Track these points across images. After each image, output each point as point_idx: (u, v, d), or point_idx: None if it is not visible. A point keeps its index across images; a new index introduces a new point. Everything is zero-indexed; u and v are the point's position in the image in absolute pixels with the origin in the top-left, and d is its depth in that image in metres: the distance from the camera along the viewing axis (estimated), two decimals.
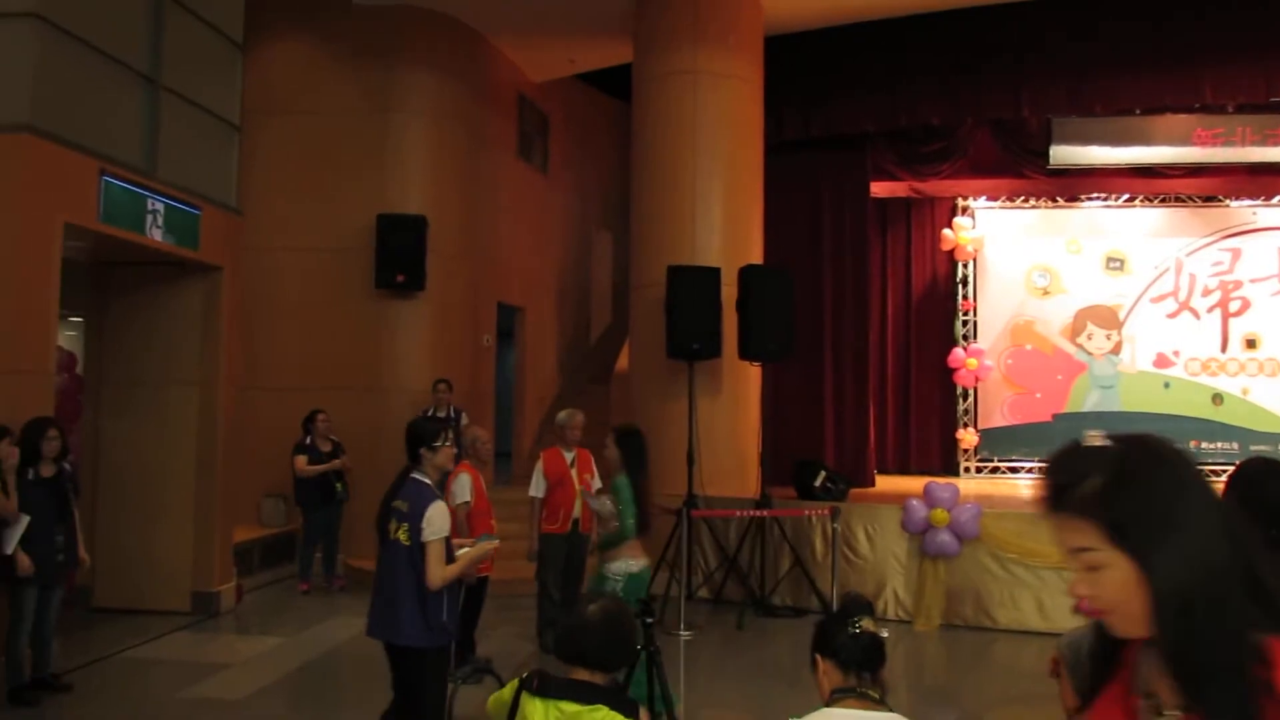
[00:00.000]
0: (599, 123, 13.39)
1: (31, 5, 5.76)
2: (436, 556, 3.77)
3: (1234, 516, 1.20)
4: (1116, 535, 1.16)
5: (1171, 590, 1.12)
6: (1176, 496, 1.16)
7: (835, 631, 2.11)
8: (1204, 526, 1.15)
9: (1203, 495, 1.18)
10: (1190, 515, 1.16)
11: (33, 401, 5.61)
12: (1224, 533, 1.15)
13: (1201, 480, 1.19)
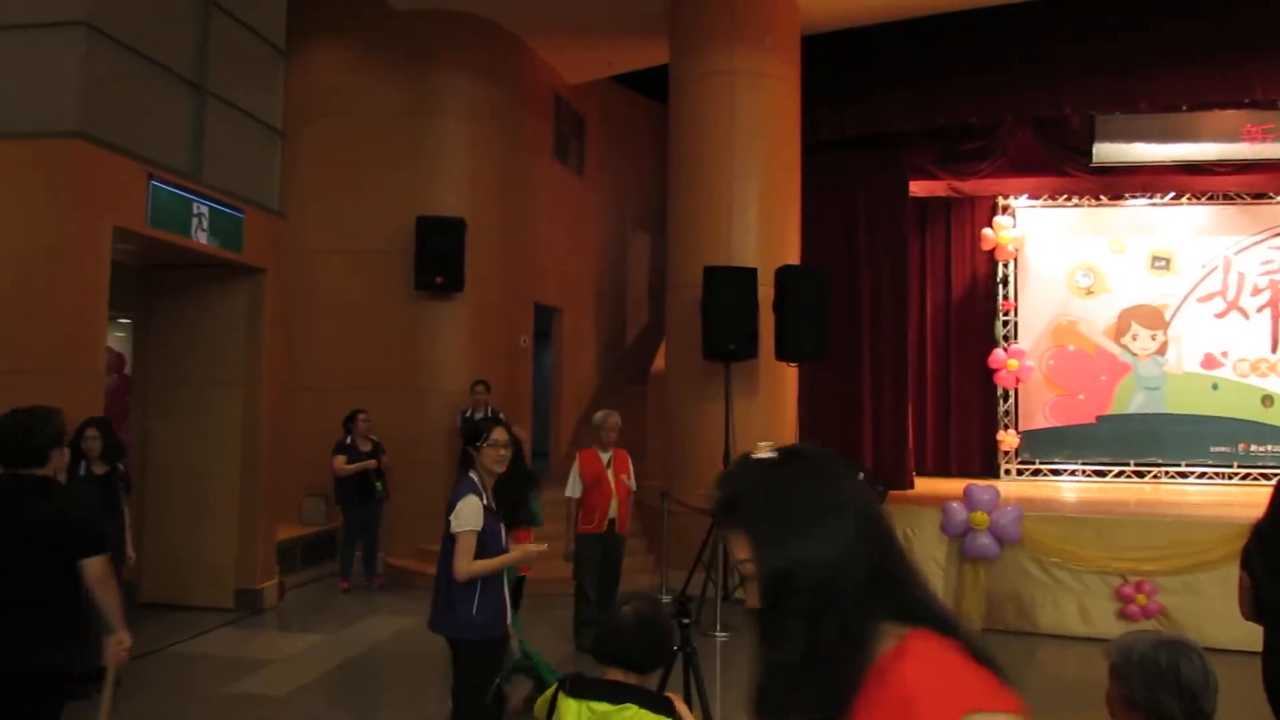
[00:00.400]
0: (635, 124, 13.41)
1: (81, 14, 5.90)
2: (462, 549, 3.79)
3: (871, 520, 1.28)
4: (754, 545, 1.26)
5: (772, 586, 1.23)
6: (801, 506, 1.25)
7: None
8: (826, 531, 1.23)
9: (829, 502, 1.26)
10: (812, 521, 1.24)
11: (83, 401, 5.74)
12: (853, 534, 1.23)
13: (832, 489, 1.28)
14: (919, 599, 1.29)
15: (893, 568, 1.28)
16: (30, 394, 5.59)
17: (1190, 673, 1.95)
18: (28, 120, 5.85)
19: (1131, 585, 6.78)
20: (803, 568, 1.22)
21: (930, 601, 1.30)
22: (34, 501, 3.22)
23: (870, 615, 1.22)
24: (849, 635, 1.21)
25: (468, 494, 3.87)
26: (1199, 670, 1.96)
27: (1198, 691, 1.94)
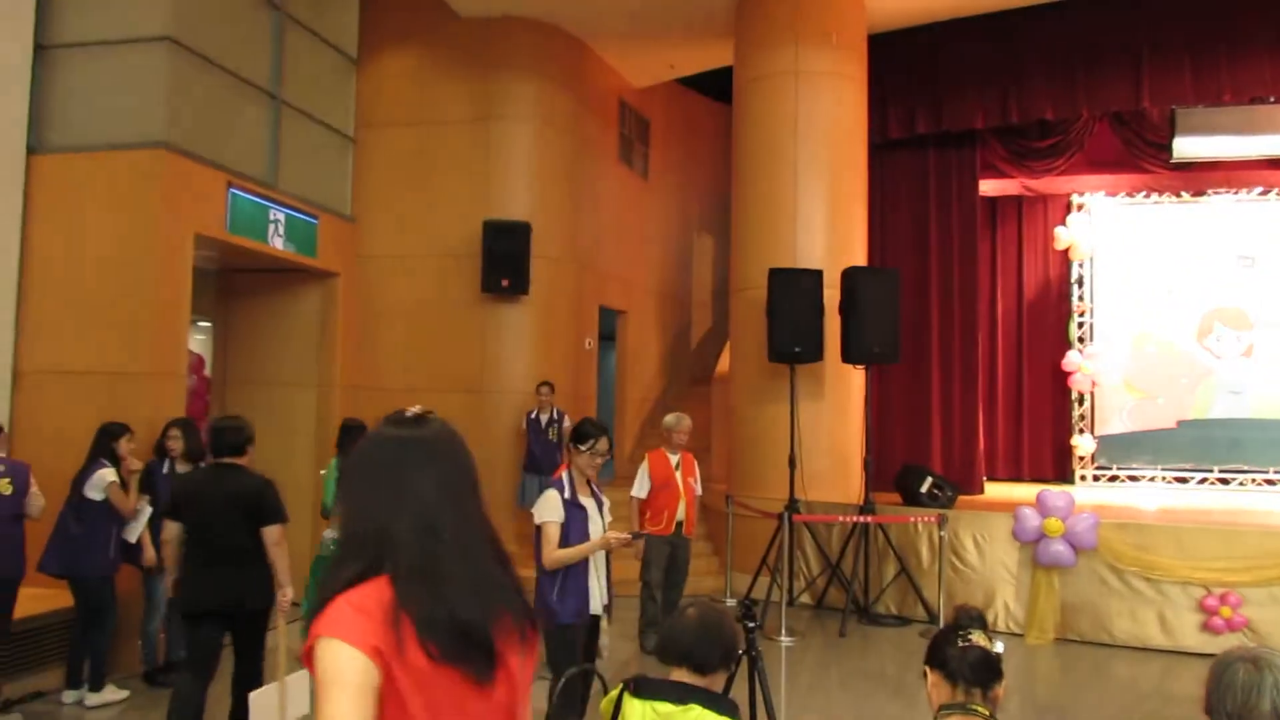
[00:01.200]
0: (699, 126, 13.39)
1: (165, 29, 6.14)
2: (545, 538, 4.06)
3: (419, 480, 1.60)
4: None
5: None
6: (357, 471, 1.66)
7: (945, 644, 2.06)
8: (370, 492, 1.60)
9: (378, 466, 1.62)
10: (360, 483, 1.63)
11: (167, 401, 5.97)
12: (394, 494, 1.57)
13: (383, 457, 1.62)
14: (411, 557, 1.52)
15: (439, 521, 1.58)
16: (121, 394, 5.85)
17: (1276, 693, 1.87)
18: (117, 132, 6.11)
19: (1215, 597, 6.54)
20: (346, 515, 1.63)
21: (420, 558, 1.53)
22: (236, 482, 4.29)
23: (361, 557, 1.53)
24: (343, 563, 1.54)
25: (551, 488, 4.15)
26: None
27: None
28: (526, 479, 8.93)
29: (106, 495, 5.20)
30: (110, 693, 5.26)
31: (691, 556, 6.99)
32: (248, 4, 6.98)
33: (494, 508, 9.09)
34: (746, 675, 3.50)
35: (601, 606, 4.28)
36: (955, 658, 2.02)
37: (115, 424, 5.40)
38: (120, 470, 5.35)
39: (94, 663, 5.23)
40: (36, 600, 5.37)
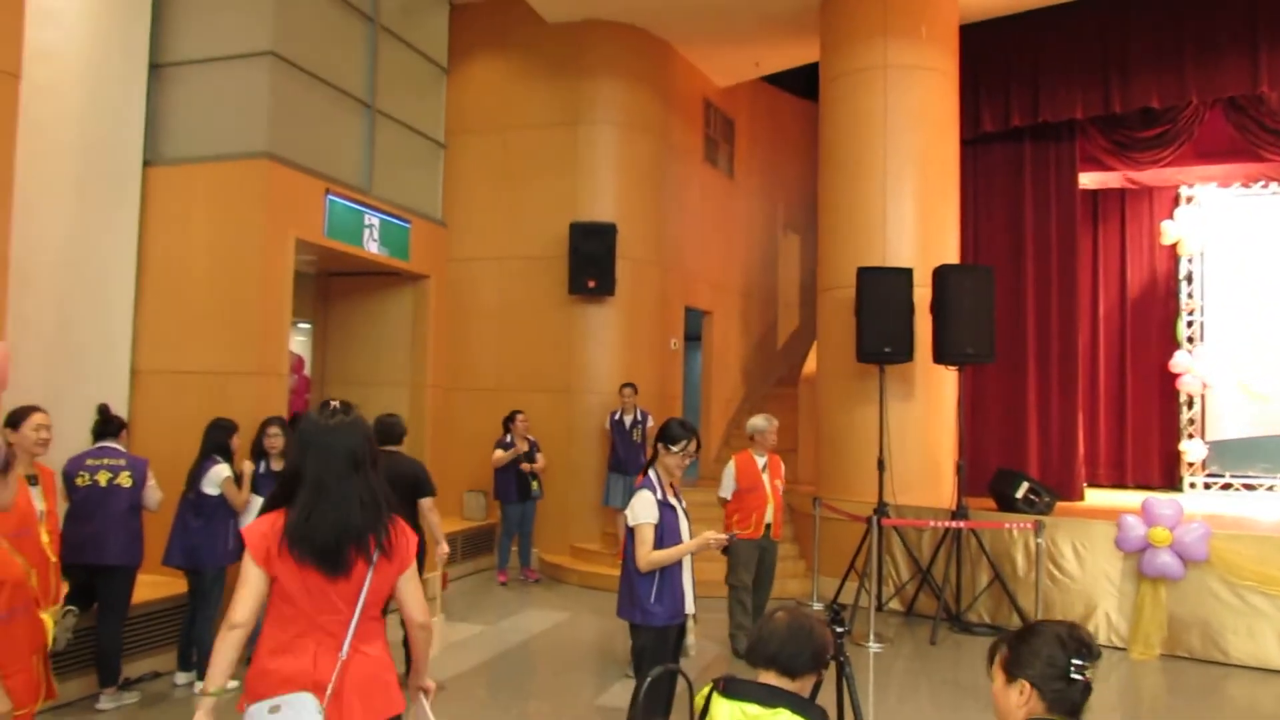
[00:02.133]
0: (785, 124, 13.27)
1: (268, 45, 6.40)
2: (640, 540, 4.07)
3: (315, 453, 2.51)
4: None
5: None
6: (294, 441, 2.64)
7: (1050, 664, 1.94)
8: (295, 456, 2.55)
9: (299, 440, 2.58)
10: (293, 449, 2.60)
11: (270, 400, 6.22)
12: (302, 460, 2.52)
13: (303, 435, 2.57)
14: (300, 499, 2.46)
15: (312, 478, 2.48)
16: (228, 393, 6.13)
17: None
18: (223, 143, 6.40)
19: None
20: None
21: (304, 499, 2.45)
22: (400, 464, 5.37)
23: (282, 495, 2.51)
24: (274, 497, 2.55)
25: (643, 490, 4.13)
26: None
27: None
28: (611, 479, 9.00)
29: (221, 490, 5.44)
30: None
31: (777, 559, 6.94)
32: (344, 17, 7.22)
33: (581, 507, 9.23)
34: (834, 681, 3.45)
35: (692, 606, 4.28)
36: (1063, 690, 1.92)
37: (225, 420, 5.63)
38: (232, 465, 5.58)
39: (200, 652, 5.47)
40: (153, 587, 5.67)
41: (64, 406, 5.24)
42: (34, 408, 4.45)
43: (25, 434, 4.32)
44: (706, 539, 4.15)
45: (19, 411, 4.41)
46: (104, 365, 6.24)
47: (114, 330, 6.31)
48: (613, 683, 5.86)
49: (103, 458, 5.09)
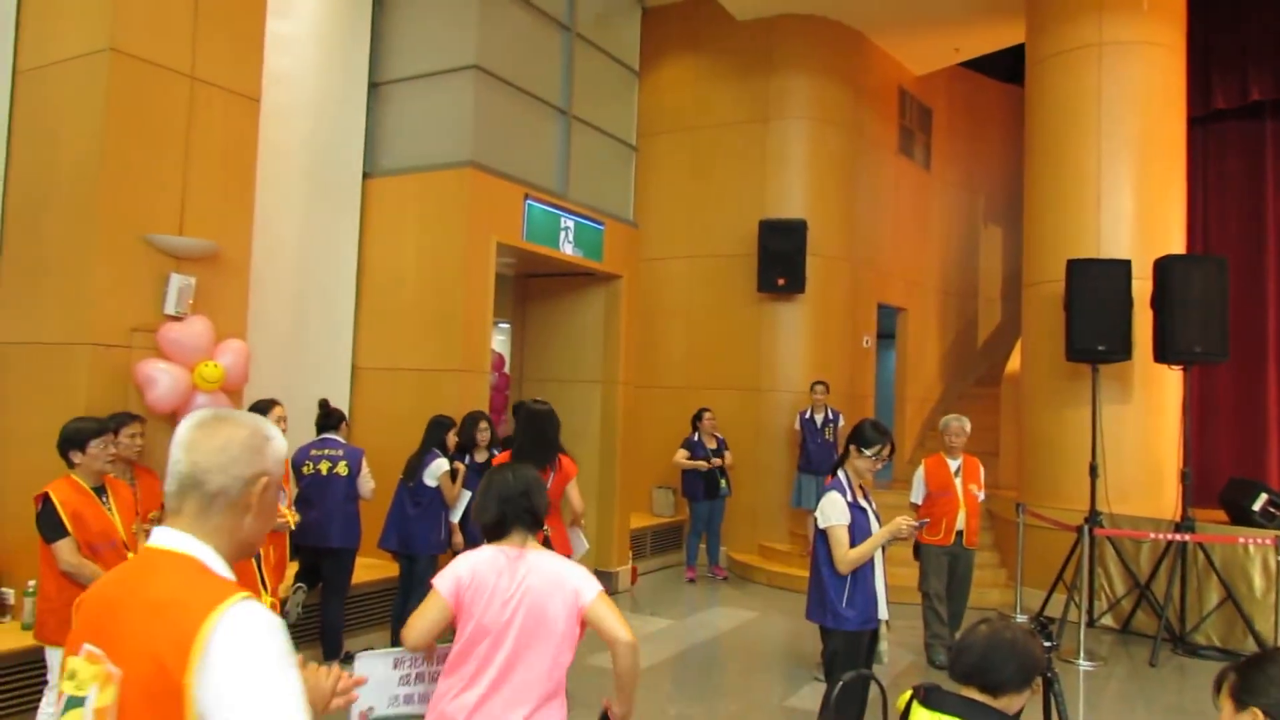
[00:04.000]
0: (986, 111, 12.62)
1: (472, 59, 6.77)
2: (835, 542, 4.02)
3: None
4: None
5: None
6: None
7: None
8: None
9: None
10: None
11: (474, 397, 6.57)
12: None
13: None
14: None
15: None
16: (437, 389, 6.53)
17: None
18: (432, 154, 6.83)
19: None
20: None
21: None
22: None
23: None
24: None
25: (832, 491, 4.09)
26: None
27: None
28: (802, 479, 8.88)
29: (439, 483, 5.80)
30: None
31: (976, 567, 6.62)
32: (542, 28, 7.52)
33: (769, 507, 9.17)
34: (1041, 699, 3.26)
35: (885, 612, 4.17)
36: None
37: (446, 417, 5.98)
38: (449, 458, 5.93)
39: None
40: (370, 569, 6.13)
41: (295, 400, 5.76)
42: (274, 400, 4.92)
43: None
44: (899, 524, 4.03)
45: (262, 403, 4.90)
46: (329, 363, 6.81)
47: (338, 330, 6.88)
48: (802, 685, 5.80)
49: (324, 448, 5.55)
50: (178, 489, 1.47)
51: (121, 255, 4.70)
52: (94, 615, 1.42)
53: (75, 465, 3.80)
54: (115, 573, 1.56)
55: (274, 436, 1.53)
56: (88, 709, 1.35)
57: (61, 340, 4.69)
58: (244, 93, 5.35)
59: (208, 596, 1.33)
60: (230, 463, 1.46)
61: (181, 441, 1.48)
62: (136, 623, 1.34)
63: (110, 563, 3.80)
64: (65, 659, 1.43)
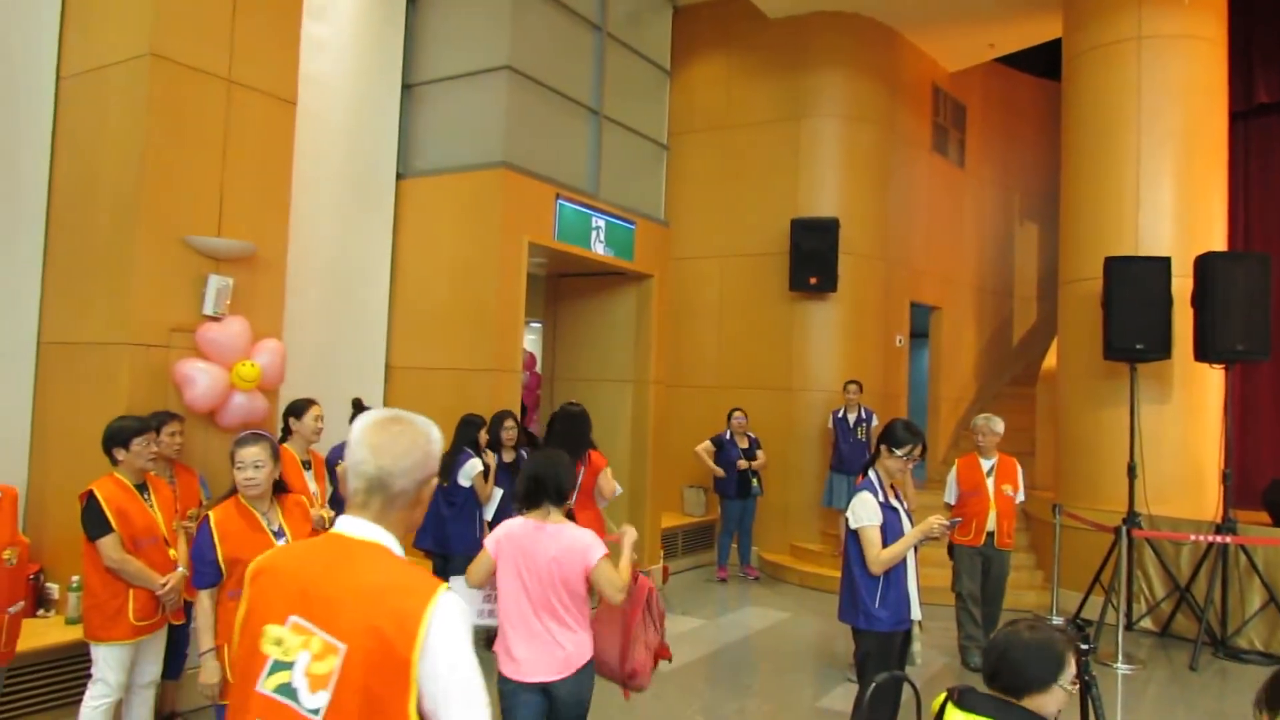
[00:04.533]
0: (1021, 107, 12.46)
1: (504, 59, 6.80)
2: (868, 543, 3.98)
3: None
4: None
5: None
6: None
7: None
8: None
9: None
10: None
11: (505, 396, 6.61)
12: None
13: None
14: None
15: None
16: (468, 388, 6.58)
17: None
18: (464, 155, 6.88)
19: None
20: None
21: None
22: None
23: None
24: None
25: (863, 491, 4.05)
26: None
27: None
28: (834, 478, 8.84)
29: (472, 482, 5.84)
30: None
31: (1013, 569, 6.55)
32: (573, 28, 7.54)
33: (801, 506, 9.13)
34: (1079, 703, 3.22)
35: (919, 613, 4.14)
36: None
37: (476, 416, 6.01)
38: (481, 457, 5.97)
39: None
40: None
41: (329, 399, 5.83)
42: (312, 400, 4.98)
43: (306, 423, 4.85)
44: (930, 524, 4.00)
45: (301, 403, 4.96)
46: (363, 362, 6.88)
47: (372, 330, 6.95)
48: (834, 686, 5.77)
49: None
50: (365, 487, 1.67)
51: (161, 257, 4.79)
52: (294, 591, 1.64)
53: (119, 463, 3.87)
54: (302, 552, 1.79)
55: (437, 440, 1.76)
56: (297, 672, 1.58)
57: (104, 340, 4.78)
58: (280, 95, 5.42)
59: (423, 584, 1.59)
60: (412, 468, 1.69)
61: (368, 444, 1.69)
62: (355, 603, 1.56)
63: (151, 558, 3.88)
64: (265, 626, 1.64)
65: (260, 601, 1.69)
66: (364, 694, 1.53)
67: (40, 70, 5.10)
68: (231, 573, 3.32)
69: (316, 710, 1.56)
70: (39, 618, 4.64)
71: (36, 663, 4.22)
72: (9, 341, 4.98)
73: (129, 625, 3.83)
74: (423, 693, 1.52)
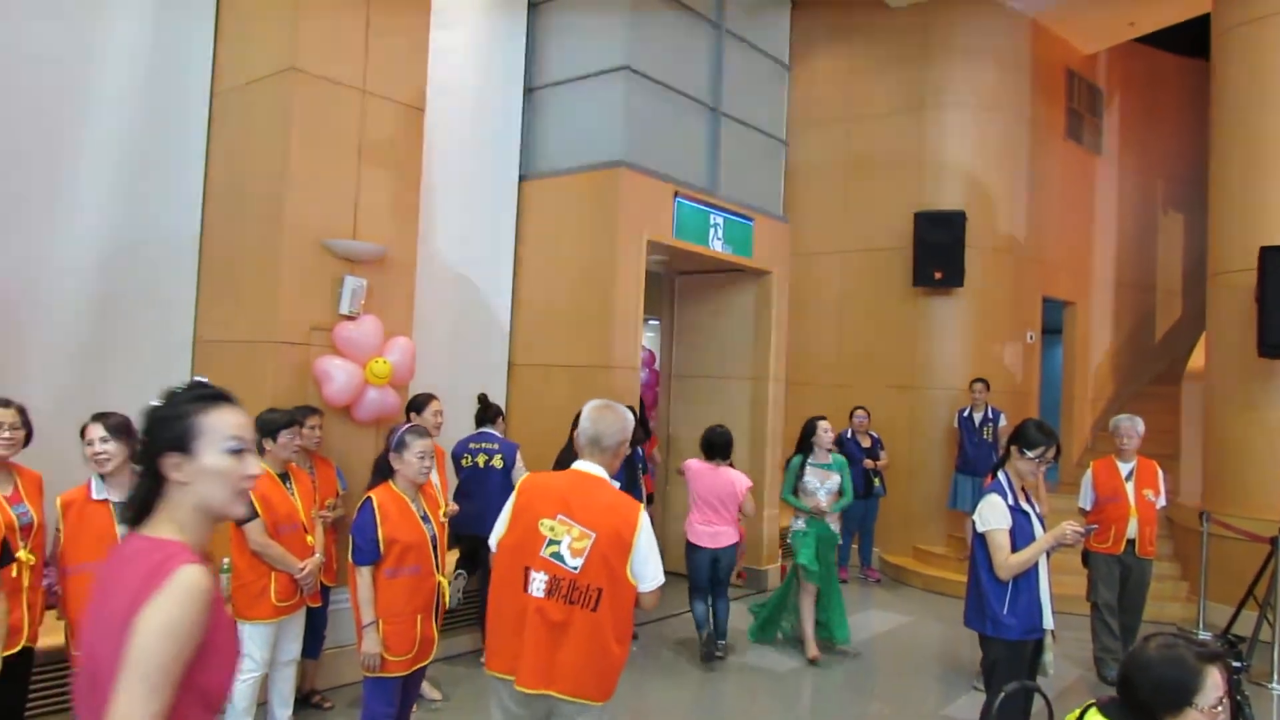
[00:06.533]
0: (1165, 89, 11.76)
1: (623, 60, 6.88)
2: (995, 547, 3.85)
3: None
4: None
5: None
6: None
7: None
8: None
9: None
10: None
11: (624, 392, 6.69)
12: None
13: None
14: None
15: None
16: (588, 385, 6.69)
17: None
18: (584, 155, 6.99)
19: None
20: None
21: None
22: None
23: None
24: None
25: (992, 493, 3.93)
26: None
27: None
28: (959, 479, 8.57)
29: None
30: None
31: (1155, 579, 6.21)
32: (691, 25, 7.55)
33: (924, 508, 8.90)
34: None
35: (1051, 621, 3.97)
36: None
37: None
38: None
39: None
40: None
41: (456, 395, 6.04)
42: (431, 395, 5.18)
43: (425, 417, 5.05)
44: (1064, 530, 3.82)
45: (420, 398, 5.17)
46: (487, 359, 7.09)
47: (496, 327, 7.15)
48: (959, 694, 5.60)
49: (481, 442, 5.77)
50: (588, 442, 2.94)
51: (302, 259, 5.06)
52: (557, 500, 2.86)
53: (265, 453, 4.12)
54: (558, 478, 3.02)
55: (630, 420, 3.01)
56: (563, 546, 2.80)
57: (251, 339, 5.09)
58: (410, 103, 5.64)
59: (631, 503, 2.88)
60: (616, 432, 2.94)
61: (590, 418, 2.95)
62: (600, 510, 2.83)
63: (290, 544, 4.11)
64: (539, 520, 2.85)
65: (530, 503, 2.91)
66: (603, 559, 2.78)
67: (197, 87, 5.47)
68: (389, 552, 3.50)
69: (575, 566, 2.77)
70: None
71: None
72: (170, 341, 5.36)
73: (271, 605, 4.07)
74: (633, 559, 2.80)
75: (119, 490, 3.56)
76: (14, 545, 3.34)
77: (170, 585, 1.41)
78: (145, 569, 1.44)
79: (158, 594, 1.40)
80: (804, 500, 6.22)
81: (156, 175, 5.28)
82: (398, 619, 3.55)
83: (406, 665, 3.60)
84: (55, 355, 4.87)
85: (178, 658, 1.39)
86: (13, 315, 4.73)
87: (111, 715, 1.35)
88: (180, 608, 1.40)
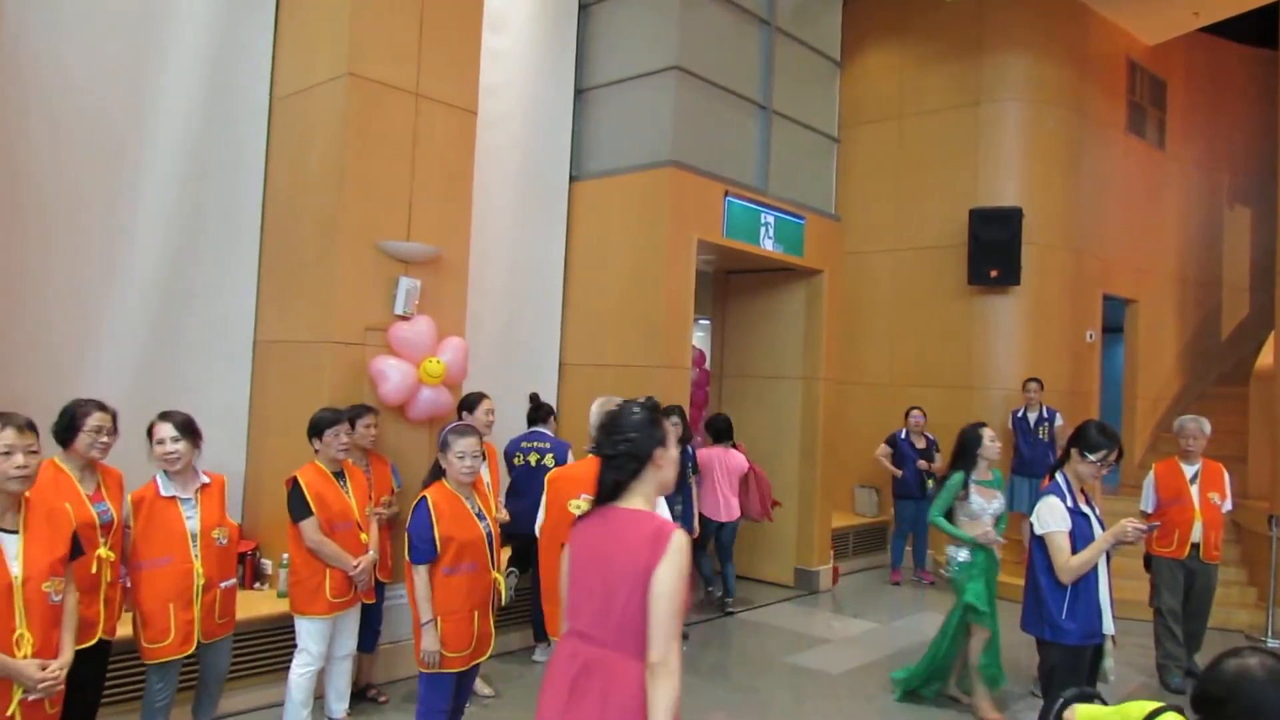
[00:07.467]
0: (1230, 79, 11.41)
1: (673, 60, 6.88)
2: (1054, 549, 3.79)
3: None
4: None
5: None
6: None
7: None
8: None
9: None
10: None
11: (674, 391, 6.69)
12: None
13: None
14: None
15: None
16: (639, 384, 6.70)
17: None
18: (634, 155, 7.00)
19: None
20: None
21: None
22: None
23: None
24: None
25: (1050, 495, 3.88)
26: None
27: None
28: (1014, 481, 8.41)
29: None
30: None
31: (1221, 584, 6.03)
32: (740, 24, 7.52)
33: None
34: None
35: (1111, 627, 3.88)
36: None
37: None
38: None
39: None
40: None
41: (508, 394, 6.09)
42: (482, 394, 5.23)
43: (477, 416, 5.11)
44: (1123, 526, 3.73)
45: (473, 396, 5.23)
46: (539, 358, 7.14)
47: (547, 327, 7.20)
48: (1015, 700, 5.51)
49: (533, 441, 5.82)
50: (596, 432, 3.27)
51: (358, 261, 5.15)
52: (581, 483, 3.43)
53: (317, 451, 4.20)
54: (578, 467, 3.44)
55: (633, 410, 2.81)
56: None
57: (309, 339, 5.19)
58: (463, 106, 5.70)
59: None
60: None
61: (596, 411, 3.48)
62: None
63: (345, 541, 4.19)
64: (569, 501, 3.54)
65: (560, 489, 3.73)
66: None
67: (257, 93, 5.60)
68: (445, 550, 3.55)
69: None
70: (255, 590, 5.11)
71: (252, 631, 4.64)
72: (232, 342, 5.50)
73: (326, 601, 4.15)
74: None
75: (183, 486, 3.67)
76: (95, 542, 3.44)
77: (672, 547, 2.07)
78: (648, 532, 2.11)
79: (666, 555, 2.07)
80: (965, 527, 5.13)
81: (218, 180, 5.42)
82: (455, 616, 3.60)
83: (464, 661, 3.65)
84: (121, 356, 5.02)
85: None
86: (81, 318, 4.89)
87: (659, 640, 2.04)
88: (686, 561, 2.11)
